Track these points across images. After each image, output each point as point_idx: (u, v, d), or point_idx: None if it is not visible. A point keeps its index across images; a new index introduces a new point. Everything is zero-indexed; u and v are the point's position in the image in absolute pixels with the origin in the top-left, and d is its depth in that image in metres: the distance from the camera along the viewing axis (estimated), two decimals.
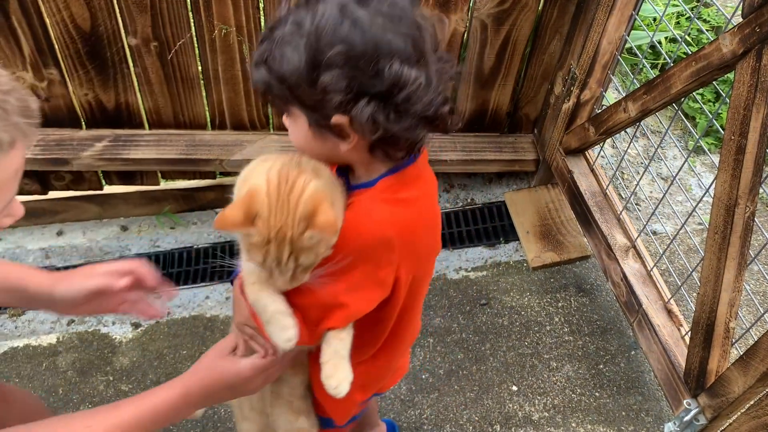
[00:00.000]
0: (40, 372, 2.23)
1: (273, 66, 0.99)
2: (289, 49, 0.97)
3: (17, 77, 2.16)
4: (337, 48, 0.94)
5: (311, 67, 0.95)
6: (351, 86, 0.95)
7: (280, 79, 0.99)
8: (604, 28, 2.01)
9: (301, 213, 0.95)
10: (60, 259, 2.56)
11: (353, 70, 0.95)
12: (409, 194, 1.09)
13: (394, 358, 1.36)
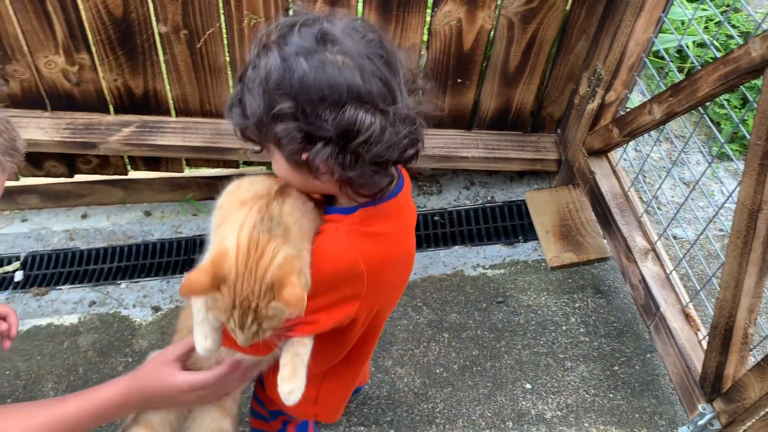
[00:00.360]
0: (61, 350, 2.27)
1: (244, 109, 1.02)
2: (250, 96, 1.00)
3: (49, 61, 2.20)
4: (284, 100, 0.96)
5: (268, 114, 0.98)
6: (303, 133, 0.98)
7: (250, 122, 1.02)
8: (632, 29, 2.00)
9: (267, 284, 0.96)
10: (84, 241, 2.61)
11: (304, 118, 0.97)
12: (383, 228, 1.11)
13: (344, 381, 1.37)
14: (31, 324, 2.35)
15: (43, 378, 2.20)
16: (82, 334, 2.32)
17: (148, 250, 2.56)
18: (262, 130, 1.02)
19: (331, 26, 0.97)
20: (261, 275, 0.95)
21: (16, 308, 2.38)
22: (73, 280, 2.48)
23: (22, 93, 2.30)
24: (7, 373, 2.21)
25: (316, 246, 1.05)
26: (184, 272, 2.48)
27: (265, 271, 0.95)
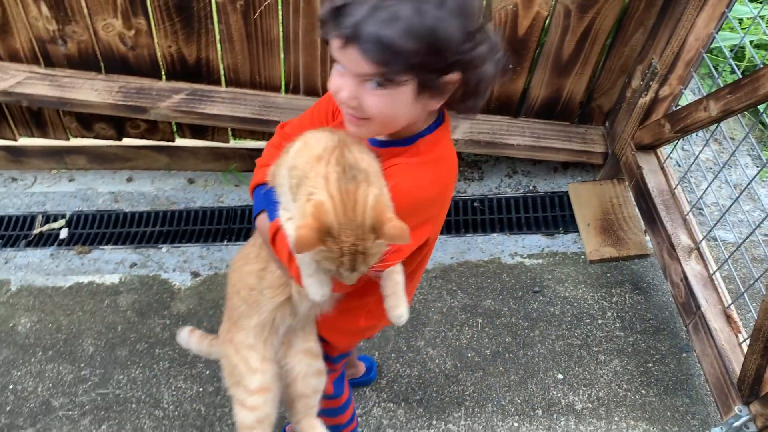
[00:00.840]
0: (101, 308, 2.33)
1: (421, 33, 1.00)
2: (449, 18, 1.01)
3: (107, 23, 2.24)
4: (470, 21, 1.04)
5: (465, 33, 1.04)
6: (472, 54, 1.06)
7: (428, 46, 1.01)
8: (693, 23, 1.97)
9: (368, 226, 1.01)
10: (128, 204, 2.66)
11: (481, 34, 1.06)
12: (442, 152, 1.20)
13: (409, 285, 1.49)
14: (74, 281, 2.41)
15: (83, 333, 2.26)
16: (122, 293, 2.37)
17: (190, 217, 2.60)
18: (442, 51, 1.03)
19: None
20: (361, 221, 1.00)
21: (60, 264, 2.45)
22: (116, 241, 2.53)
23: (79, 54, 2.35)
24: (50, 326, 2.27)
25: (395, 181, 1.10)
26: (224, 240, 2.52)
27: (363, 215, 1.00)
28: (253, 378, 1.40)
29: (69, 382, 2.14)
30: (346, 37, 1.01)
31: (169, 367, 2.17)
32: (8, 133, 2.61)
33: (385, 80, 1.05)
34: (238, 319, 1.44)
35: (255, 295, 1.39)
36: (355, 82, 1.07)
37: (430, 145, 1.18)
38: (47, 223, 2.59)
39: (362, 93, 1.07)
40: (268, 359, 1.44)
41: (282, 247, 1.15)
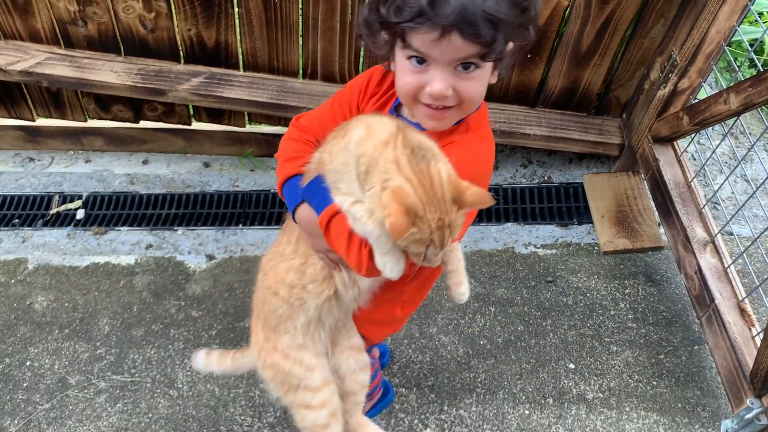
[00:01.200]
0: (117, 289, 2.35)
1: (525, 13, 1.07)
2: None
3: (128, 5, 2.25)
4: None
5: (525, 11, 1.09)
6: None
7: (518, 13, 1.07)
8: (715, 16, 1.96)
9: (449, 198, 1.04)
10: (144, 186, 2.68)
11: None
12: (486, 130, 1.26)
13: (431, 283, 1.54)
14: (90, 261, 2.43)
15: (99, 313, 2.28)
16: (137, 274, 2.39)
17: (205, 200, 2.62)
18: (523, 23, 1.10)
19: None
20: (441, 195, 1.03)
21: (77, 245, 2.47)
22: (132, 222, 2.56)
23: (99, 36, 2.36)
24: (66, 305, 2.30)
25: (456, 156, 1.13)
26: (239, 224, 2.53)
27: (442, 189, 1.03)
28: (313, 375, 1.40)
29: (85, 361, 2.17)
30: (448, 25, 1.02)
31: (184, 347, 2.19)
32: (26, 113, 2.63)
33: (486, 59, 1.08)
34: (278, 323, 1.42)
35: (298, 293, 1.36)
36: (447, 71, 1.08)
37: (477, 122, 1.22)
38: (64, 204, 2.61)
39: (455, 81, 1.09)
40: (321, 354, 1.43)
41: (338, 232, 1.16)
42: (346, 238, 1.15)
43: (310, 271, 1.33)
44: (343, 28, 2.27)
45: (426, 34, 1.04)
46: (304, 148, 1.31)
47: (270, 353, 1.44)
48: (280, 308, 1.39)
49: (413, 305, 1.54)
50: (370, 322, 1.50)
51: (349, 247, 1.15)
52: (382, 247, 1.10)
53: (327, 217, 1.17)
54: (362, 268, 1.15)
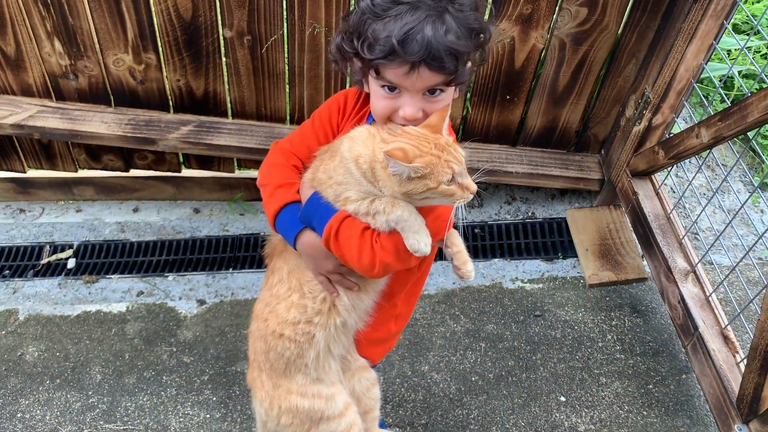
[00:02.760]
0: (109, 336, 2.36)
1: (469, 33, 1.19)
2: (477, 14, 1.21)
3: (118, 58, 2.31)
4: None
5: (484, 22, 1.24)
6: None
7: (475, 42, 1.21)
8: (683, 55, 2.05)
9: (430, 132, 1.19)
10: (134, 233, 2.71)
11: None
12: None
13: (416, 294, 1.60)
14: (81, 309, 2.44)
15: (90, 361, 2.28)
16: (129, 322, 2.40)
17: (195, 246, 2.65)
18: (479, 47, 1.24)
19: None
20: (422, 134, 1.19)
21: (68, 294, 2.48)
22: (123, 270, 2.57)
23: (89, 88, 2.42)
24: (58, 354, 2.30)
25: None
26: (230, 268, 2.56)
27: (421, 132, 1.20)
28: (334, 403, 1.44)
29: (77, 410, 2.16)
30: (416, 61, 1.15)
31: (176, 393, 2.19)
32: (17, 165, 2.67)
33: (456, 83, 1.22)
34: (287, 366, 1.43)
35: (303, 327, 1.38)
36: (417, 97, 1.22)
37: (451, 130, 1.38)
38: (55, 253, 2.63)
39: (424, 104, 1.23)
40: (335, 381, 1.48)
41: (348, 236, 1.24)
42: (357, 238, 1.23)
43: (311, 304, 1.37)
44: (328, 76, 2.34)
45: (397, 69, 1.18)
46: (291, 173, 1.38)
47: (284, 398, 1.44)
48: (287, 350, 1.40)
49: (404, 319, 1.60)
50: (370, 343, 1.54)
51: (362, 246, 1.23)
52: (412, 226, 1.20)
53: (335, 227, 1.24)
54: (375, 266, 1.23)
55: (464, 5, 1.19)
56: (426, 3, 1.16)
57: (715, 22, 1.98)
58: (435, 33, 1.14)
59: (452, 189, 1.17)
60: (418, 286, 1.57)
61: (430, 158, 1.14)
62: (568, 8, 2.14)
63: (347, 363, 1.53)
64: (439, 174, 1.14)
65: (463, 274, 1.34)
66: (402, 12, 1.15)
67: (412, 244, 1.20)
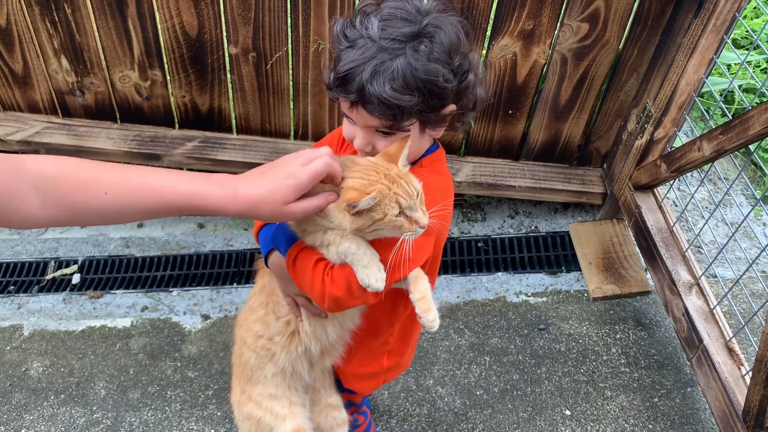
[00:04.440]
0: (113, 352, 2.36)
1: (418, 85, 1.12)
2: (443, 62, 1.14)
3: (124, 75, 2.34)
4: (462, 60, 1.16)
5: (454, 71, 1.16)
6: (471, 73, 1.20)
7: (425, 94, 1.13)
8: (684, 69, 2.07)
9: (381, 162, 1.14)
10: (139, 249, 2.72)
11: (466, 62, 1.18)
12: (443, 169, 1.33)
13: (415, 333, 1.56)
14: (86, 325, 2.45)
15: (95, 377, 2.28)
16: (133, 337, 2.41)
17: (200, 261, 2.65)
18: (441, 94, 1.16)
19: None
20: (373, 165, 1.14)
21: (72, 309, 2.49)
22: (127, 285, 2.58)
23: (96, 105, 2.44)
24: (62, 370, 2.30)
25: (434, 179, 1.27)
26: (234, 283, 2.57)
27: (371, 163, 1.15)
28: (284, 425, 1.43)
29: (81, 426, 2.16)
30: (353, 101, 1.13)
31: (181, 409, 2.19)
32: None
33: (392, 130, 1.17)
34: (251, 374, 1.47)
35: (264, 343, 1.41)
36: (366, 132, 1.19)
37: (431, 161, 1.31)
38: (59, 269, 2.64)
39: (374, 139, 1.20)
40: (296, 403, 1.47)
41: (302, 266, 1.21)
42: (310, 269, 1.20)
43: (273, 324, 1.39)
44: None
45: (342, 102, 1.17)
46: None
47: (245, 404, 1.48)
48: (251, 359, 1.44)
49: (399, 354, 1.57)
50: (358, 377, 1.54)
51: (314, 277, 1.19)
52: (360, 259, 1.15)
53: (293, 255, 1.23)
54: (324, 299, 1.19)
55: (432, 51, 1.12)
56: (388, 40, 1.10)
57: (715, 37, 2.00)
58: (373, 78, 1.09)
59: (400, 221, 1.11)
60: (413, 324, 1.52)
61: (379, 187, 1.09)
62: (570, 24, 2.17)
63: (318, 395, 1.54)
64: (385, 206, 1.10)
65: (423, 323, 1.21)
66: (360, 46, 1.12)
67: (362, 279, 1.14)
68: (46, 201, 0.97)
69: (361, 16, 1.15)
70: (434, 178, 1.27)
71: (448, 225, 1.31)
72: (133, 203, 1.02)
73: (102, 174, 1.02)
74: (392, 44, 1.10)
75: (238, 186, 1.06)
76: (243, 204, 1.05)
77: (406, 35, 1.11)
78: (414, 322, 1.51)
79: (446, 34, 1.13)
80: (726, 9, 1.94)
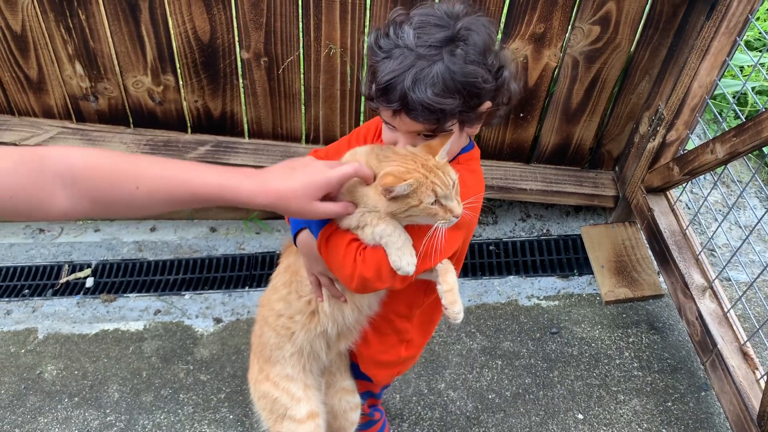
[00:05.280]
0: (126, 355, 2.37)
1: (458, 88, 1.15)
2: (480, 63, 1.17)
3: (137, 80, 2.36)
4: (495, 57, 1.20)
5: (490, 70, 1.19)
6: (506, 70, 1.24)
7: (465, 95, 1.16)
8: (696, 71, 2.06)
9: (419, 152, 1.18)
10: (151, 253, 2.73)
11: (500, 59, 1.22)
12: (477, 167, 1.36)
13: (433, 323, 1.58)
14: (99, 328, 2.46)
15: (108, 380, 2.30)
16: (146, 340, 2.42)
17: (212, 264, 2.67)
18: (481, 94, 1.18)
19: None
20: (411, 154, 1.18)
21: (86, 312, 2.51)
22: (140, 289, 2.60)
23: (109, 110, 2.46)
24: (76, 373, 2.32)
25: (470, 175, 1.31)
26: (246, 287, 2.58)
27: (410, 152, 1.19)
28: (299, 407, 1.45)
29: (95, 429, 2.17)
30: (396, 109, 1.16)
31: (194, 411, 2.20)
32: None
33: (435, 132, 1.20)
34: (270, 354, 1.49)
35: (284, 322, 1.44)
36: (409, 137, 1.23)
37: (467, 159, 1.34)
38: (73, 273, 2.66)
39: (417, 143, 1.24)
40: (311, 386, 1.49)
41: (335, 245, 1.24)
42: (343, 248, 1.23)
43: (295, 302, 1.41)
44: (343, 96, 2.38)
45: (384, 111, 1.20)
46: None
47: (262, 383, 1.50)
48: (271, 338, 1.46)
49: (416, 347, 1.59)
50: (376, 364, 1.55)
51: (345, 256, 1.22)
52: (395, 242, 1.18)
53: (326, 234, 1.25)
54: (353, 279, 1.21)
55: (468, 54, 1.15)
56: (424, 47, 1.14)
57: (728, 39, 2.00)
58: (415, 85, 1.13)
59: (434, 209, 1.15)
60: (433, 314, 1.55)
61: (417, 175, 1.13)
62: (581, 27, 2.17)
63: (333, 378, 1.56)
64: (421, 193, 1.14)
65: (449, 314, 1.26)
66: (397, 56, 1.15)
67: (394, 261, 1.18)
68: (75, 194, 0.99)
69: (393, 26, 1.18)
70: (469, 176, 1.30)
71: (476, 220, 1.34)
72: (164, 197, 1.04)
73: (131, 167, 1.03)
74: (429, 51, 1.14)
75: (267, 179, 1.09)
76: (273, 197, 1.08)
77: (441, 40, 1.15)
78: (435, 313, 1.54)
79: (479, 35, 1.17)
80: (739, 11, 1.93)
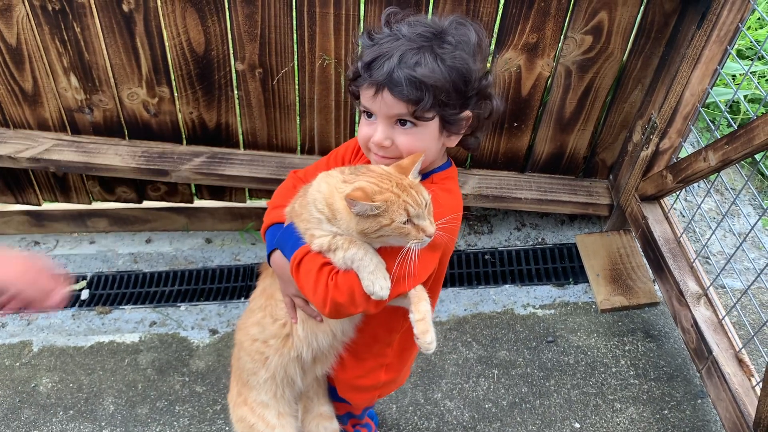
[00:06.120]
0: (122, 367, 2.36)
1: (445, 72, 1.17)
2: (467, 58, 1.19)
3: (132, 92, 2.36)
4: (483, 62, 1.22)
5: (478, 72, 1.21)
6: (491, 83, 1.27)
7: (451, 82, 1.18)
8: (688, 80, 2.08)
9: (394, 172, 1.18)
10: (147, 264, 2.73)
11: (487, 72, 1.23)
12: (453, 187, 1.35)
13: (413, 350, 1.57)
14: (95, 340, 2.46)
15: (103, 392, 2.29)
16: (142, 352, 2.41)
17: (207, 276, 2.66)
18: (463, 90, 1.20)
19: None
20: (386, 173, 1.19)
21: (81, 325, 2.50)
22: (136, 300, 2.59)
23: (104, 122, 2.47)
24: (71, 385, 2.31)
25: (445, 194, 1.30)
26: (241, 298, 2.57)
27: (385, 171, 1.19)
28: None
29: None
30: (380, 84, 1.17)
31: (189, 423, 2.19)
32: (33, 198, 2.71)
33: (416, 117, 1.19)
34: (248, 379, 1.49)
35: (258, 347, 1.43)
36: (387, 125, 1.22)
37: (442, 178, 1.33)
38: None
39: (394, 134, 1.23)
40: (285, 414, 1.49)
41: (307, 270, 1.22)
42: (315, 273, 1.21)
43: (270, 326, 1.41)
44: (338, 106, 2.38)
45: (366, 91, 1.21)
46: (291, 197, 1.40)
47: (240, 407, 1.51)
48: (247, 363, 1.47)
49: (396, 370, 1.57)
50: (354, 389, 1.55)
51: (317, 281, 1.21)
52: (367, 266, 1.17)
53: (298, 258, 1.25)
54: (326, 304, 1.20)
55: (456, 47, 1.18)
56: (414, 36, 1.18)
57: (719, 48, 2.01)
58: (401, 61, 1.16)
59: (407, 228, 1.14)
60: (412, 341, 1.50)
61: (389, 195, 1.12)
62: (573, 36, 2.18)
63: (311, 404, 1.56)
64: (393, 212, 1.12)
65: (420, 344, 1.22)
66: (388, 41, 1.19)
67: (367, 286, 1.16)
68: None
69: (385, 24, 1.23)
70: (443, 195, 1.29)
71: (454, 240, 1.32)
72: None
73: None
74: (419, 38, 1.18)
75: None
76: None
77: (432, 32, 1.19)
78: (412, 339, 1.50)
79: (470, 32, 1.21)
80: (729, 20, 1.95)
